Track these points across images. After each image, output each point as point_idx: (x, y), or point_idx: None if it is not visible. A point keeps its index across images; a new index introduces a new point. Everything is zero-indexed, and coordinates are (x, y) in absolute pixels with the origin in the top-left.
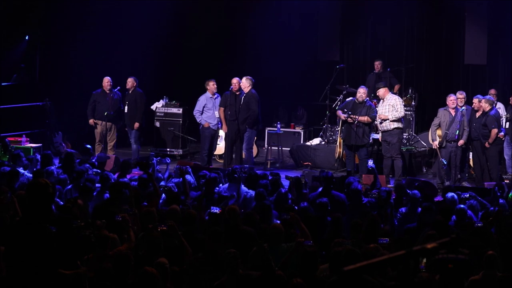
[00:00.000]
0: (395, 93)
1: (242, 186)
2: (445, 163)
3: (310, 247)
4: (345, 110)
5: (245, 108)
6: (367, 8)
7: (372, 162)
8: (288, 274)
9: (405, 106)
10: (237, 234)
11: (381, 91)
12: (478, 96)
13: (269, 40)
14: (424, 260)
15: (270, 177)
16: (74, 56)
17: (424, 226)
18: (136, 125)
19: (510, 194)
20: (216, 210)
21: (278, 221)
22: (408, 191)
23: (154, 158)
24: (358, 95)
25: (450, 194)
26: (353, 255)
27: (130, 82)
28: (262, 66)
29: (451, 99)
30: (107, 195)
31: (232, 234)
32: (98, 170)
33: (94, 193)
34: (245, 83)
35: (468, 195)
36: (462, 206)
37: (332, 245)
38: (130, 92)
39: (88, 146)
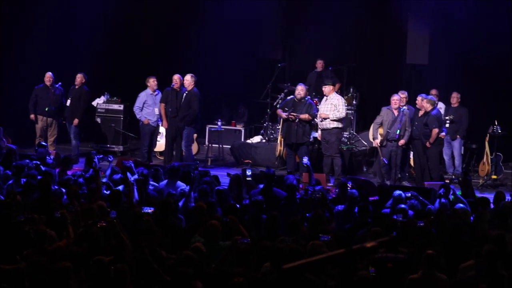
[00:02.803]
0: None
1: (178, 182)
2: (386, 162)
3: (243, 245)
4: (286, 108)
5: (186, 105)
6: (310, 7)
7: (307, 159)
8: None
9: (346, 105)
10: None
11: (327, 89)
12: (422, 95)
13: (211, 37)
14: None
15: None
16: (16, 50)
17: (359, 226)
18: (76, 121)
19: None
20: (148, 210)
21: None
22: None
23: (96, 156)
24: (296, 92)
25: (397, 192)
26: (295, 253)
27: (79, 78)
28: (204, 63)
29: (394, 100)
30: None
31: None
32: (38, 162)
33: None
34: (189, 80)
35: (410, 194)
36: (403, 206)
37: (276, 243)
38: (76, 87)
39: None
